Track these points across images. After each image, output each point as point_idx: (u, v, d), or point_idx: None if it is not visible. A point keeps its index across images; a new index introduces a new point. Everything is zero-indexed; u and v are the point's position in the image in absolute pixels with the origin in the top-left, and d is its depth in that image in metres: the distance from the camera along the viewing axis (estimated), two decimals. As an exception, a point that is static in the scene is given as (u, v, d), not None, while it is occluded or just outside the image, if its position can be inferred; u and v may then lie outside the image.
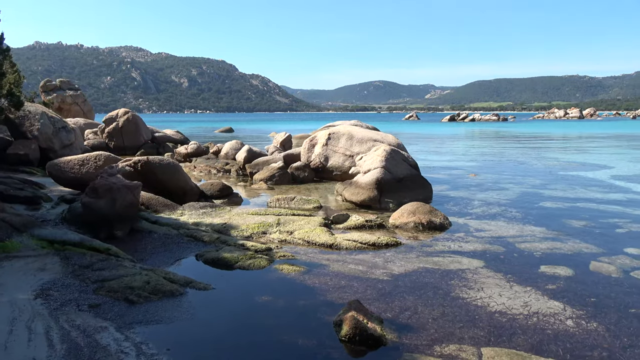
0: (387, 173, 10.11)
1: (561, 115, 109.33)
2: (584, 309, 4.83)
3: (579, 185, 12.98)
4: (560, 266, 6.17)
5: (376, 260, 6.37)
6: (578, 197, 11.27)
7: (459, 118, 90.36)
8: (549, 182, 13.56)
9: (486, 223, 8.58)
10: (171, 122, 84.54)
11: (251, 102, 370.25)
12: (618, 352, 3.97)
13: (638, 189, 12.37)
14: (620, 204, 10.43)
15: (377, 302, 4.96)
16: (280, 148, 18.37)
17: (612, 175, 15.07)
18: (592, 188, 12.57)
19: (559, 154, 23.53)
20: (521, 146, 28.98)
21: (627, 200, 10.82)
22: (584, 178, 14.54)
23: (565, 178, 14.53)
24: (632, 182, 13.58)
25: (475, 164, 18.75)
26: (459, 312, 4.75)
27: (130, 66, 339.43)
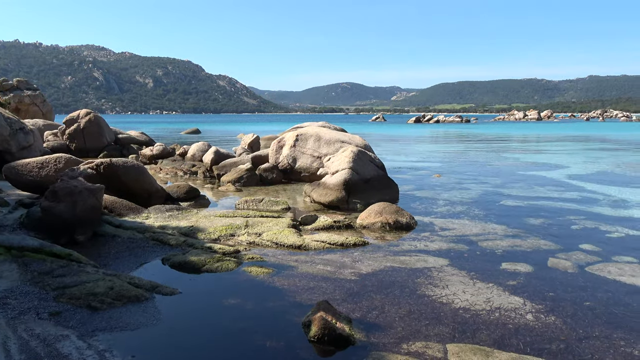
0: (355, 174, 10.22)
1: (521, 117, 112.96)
2: (543, 304, 5.03)
3: (537, 185, 13.45)
4: (520, 263, 6.39)
5: (344, 260, 6.44)
6: (536, 196, 11.68)
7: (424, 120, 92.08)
8: (509, 182, 14.00)
9: (450, 222, 8.79)
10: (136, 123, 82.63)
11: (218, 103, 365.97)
12: (574, 344, 4.15)
13: (591, 188, 12.93)
14: (575, 202, 10.88)
15: (345, 302, 5.02)
16: (248, 149, 18.26)
17: (567, 175, 15.70)
18: (549, 187, 13.06)
19: (518, 154, 24.31)
20: (483, 147, 29.78)
21: (582, 199, 11.30)
22: (541, 177, 15.09)
23: (524, 178, 15.03)
24: (586, 182, 14.18)
25: (439, 164, 19.16)
26: (425, 309, 4.86)
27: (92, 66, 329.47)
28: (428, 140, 37.57)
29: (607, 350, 4.03)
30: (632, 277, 5.85)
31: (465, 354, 3.93)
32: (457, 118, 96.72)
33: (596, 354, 3.97)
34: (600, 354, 3.97)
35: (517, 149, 27.86)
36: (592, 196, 11.67)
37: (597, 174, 15.98)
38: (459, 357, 3.89)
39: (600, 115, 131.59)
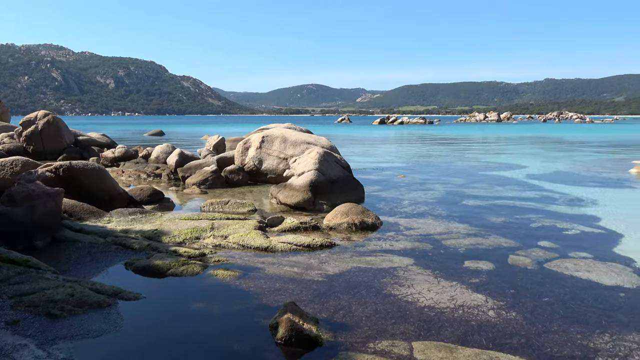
0: (321, 175, 10.26)
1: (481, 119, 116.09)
2: (504, 300, 5.19)
3: (497, 184, 13.87)
4: (483, 261, 6.58)
5: (311, 261, 6.46)
6: (497, 195, 12.04)
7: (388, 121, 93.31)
8: (471, 182, 14.38)
9: (415, 221, 8.95)
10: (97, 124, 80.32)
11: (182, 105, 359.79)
12: (534, 338, 4.31)
13: (549, 187, 13.43)
14: (534, 200, 11.28)
15: (312, 303, 5.03)
16: (214, 151, 18.03)
17: (526, 175, 16.26)
18: (509, 186, 13.49)
19: (479, 154, 24.98)
20: (446, 148, 30.45)
21: (540, 197, 11.72)
22: (502, 177, 15.56)
23: (485, 178, 15.47)
24: (543, 181, 14.72)
25: (404, 165, 19.47)
26: (391, 308, 4.94)
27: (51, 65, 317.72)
28: (393, 142, 38.11)
29: (565, 344, 4.20)
30: (587, 273, 6.11)
31: (430, 351, 4.01)
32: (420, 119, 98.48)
33: (554, 348, 4.13)
34: (558, 348, 4.13)
35: (479, 150, 28.62)
36: (549, 195, 12.12)
37: (553, 174, 16.61)
38: (425, 354, 3.97)
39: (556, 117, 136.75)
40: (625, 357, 3.96)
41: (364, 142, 37.06)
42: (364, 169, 17.73)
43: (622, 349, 4.11)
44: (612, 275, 6.00)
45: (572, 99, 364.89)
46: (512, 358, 3.93)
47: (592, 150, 28.41)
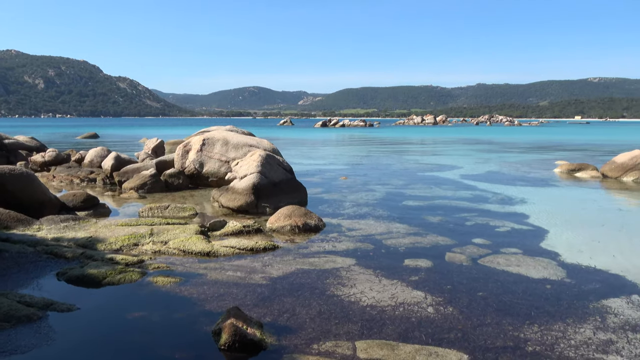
0: (263, 178, 10.21)
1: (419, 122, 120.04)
2: (442, 296, 5.41)
3: (434, 185, 14.41)
4: (421, 259, 6.81)
5: (255, 265, 6.41)
6: (434, 195, 12.51)
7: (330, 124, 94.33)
8: (410, 183, 14.84)
9: (357, 222, 9.11)
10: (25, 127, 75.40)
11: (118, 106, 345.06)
12: (470, 332, 4.52)
13: (482, 187, 14.12)
14: (468, 200, 11.82)
15: (256, 307, 5.00)
16: (152, 154, 17.44)
17: (461, 175, 17.00)
18: (445, 186, 14.05)
19: (418, 156, 25.83)
20: (386, 150, 31.23)
21: (474, 197, 12.30)
22: (438, 178, 16.18)
23: (423, 178, 16.02)
24: (477, 181, 15.46)
25: (346, 167, 19.76)
26: (334, 309, 5.00)
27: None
28: (334, 144, 38.57)
29: (498, 336, 4.44)
30: (517, 267, 6.49)
31: (372, 350, 4.11)
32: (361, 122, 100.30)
33: (488, 340, 4.36)
34: (492, 340, 4.36)
35: (417, 152, 29.58)
36: (482, 194, 12.75)
37: (486, 174, 17.48)
38: (367, 353, 4.06)
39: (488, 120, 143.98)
40: (552, 346, 4.25)
41: (306, 144, 37.23)
42: (307, 171, 17.83)
43: (549, 338, 4.40)
44: (540, 269, 6.41)
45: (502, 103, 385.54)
46: (449, 352, 4.10)
47: (521, 152, 30.17)
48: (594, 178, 16.33)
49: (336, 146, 35.32)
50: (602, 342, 4.32)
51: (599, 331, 4.54)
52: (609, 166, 16.80)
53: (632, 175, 15.73)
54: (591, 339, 4.39)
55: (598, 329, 4.60)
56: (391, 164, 21.34)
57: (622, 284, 5.88)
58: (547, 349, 4.18)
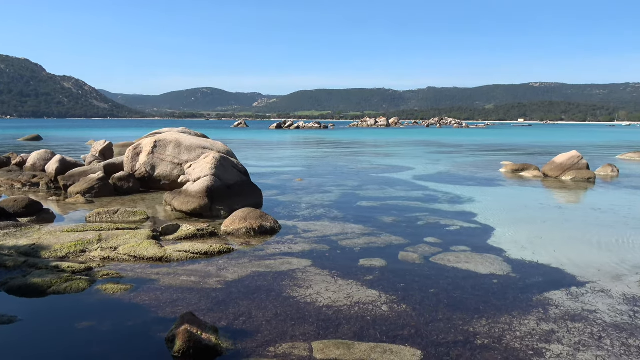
0: (218, 180, 10.07)
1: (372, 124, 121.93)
2: (396, 294, 5.53)
3: (388, 186, 14.69)
4: (376, 258, 6.93)
5: (209, 269, 6.32)
6: (388, 195, 12.76)
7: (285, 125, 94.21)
8: (364, 184, 15.06)
9: (313, 224, 9.16)
10: (-47, 128, 70.60)
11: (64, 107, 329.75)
12: (422, 328, 4.65)
13: (433, 187, 14.53)
14: (420, 200, 12.14)
15: (211, 312, 4.93)
16: (100, 157, 16.81)
17: (413, 176, 17.43)
18: (399, 187, 14.36)
19: (371, 158, 26.25)
20: (341, 152, 31.53)
21: (425, 197, 12.64)
22: (392, 179, 16.51)
23: (377, 179, 16.30)
24: (428, 181, 15.89)
25: (301, 169, 19.80)
26: (290, 311, 5.01)
27: None
28: (290, 146, 38.55)
29: (449, 331, 4.59)
30: (466, 264, 6.73)
31: (329, 350, 4.15)
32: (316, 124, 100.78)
33: (440, 335, 4.50)
34: (443, 335, 4.50)
35: (371, 153, 30.05)
36: (433, 194, 13.12)
37: (436, 174, 18.00)
38: (324, 353, 4.10)
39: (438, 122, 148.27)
40: (499, 338, 4.44)
41: (261, 146, 37.00)
42: (262, 173, 17.73)
43: (497, 330, 4.60)
44: (487, 265, 6.68)
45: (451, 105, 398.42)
46: (403, 349, 4.21)
47: (469, 153, 31.26)
48: (536, 177, 17.16)
49: (291, 148, 35.31)
50: (545, 333, 4.56)
51: (542, 322, 4.79)
52: (549, 166, 17.71)
53: (570, 175, 16.66)
54: (535, 330, 4.62)
55: (541, 320, 4.85)
56: (346, 165, 21.56)
57: (561, 277, 6.23)
58: (494, 342, 4.36)
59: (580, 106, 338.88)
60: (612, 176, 17.78)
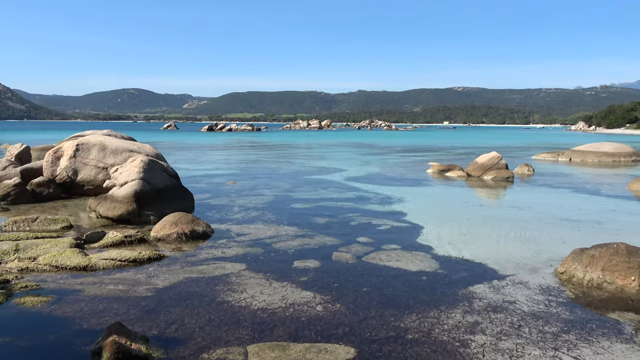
0: (146, 184, 9.70)
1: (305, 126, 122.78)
2: (330, 294, 5.62)
3: (321, 187, 14.87)
4: (310, 259, 7.00)
5: (138, 277, 6.08)
6: (321, 197, 12.91)
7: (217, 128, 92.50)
8: (297, 186, 15.14)
9: (246, 227, 9.07)
10: None
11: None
12: (356, 326, 4.76)
13: (364, 188, 14.89)
14: (352, 200, 12.40)
15: (141, 321, 4.75)
16: (17, 162, 15.59)
17: (345, 177, 17.76)
18: (331, 189, 14.58)
19: (305, 160, 26.43)
20: (274, 154, 31.47)
21: (357, 197, 12.93)
22: (325, 180, 16.73)
23: (310, 181, 16.44)
24: (360, 182, 16.27)
25: (234, 171, 19.53)
26: (224, 316, 4.94)
27: None
28: (222, 148, 37.87)
29: (382, 327, 4.73)
30: (397, 262, 6.96)
31: (264, 353, 4.14)
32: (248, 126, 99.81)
33: (373, 332, 4.63)
34: (376, 332, 4.64)
35: (304, 155, 30.23)
36: (365, 195, 13.45)
37: (368, 176, 18.46)
38: (259, 356, 4.08)
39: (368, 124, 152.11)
40: (428, 332, 4.64)
41: (192, 149, 36.04)
42: (194, 176, 17.29)
43: (426, 324, 4.81)
44: (417, 262, 6.96)
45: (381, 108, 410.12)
46: (338, 347, 4.29)
47: (398, 154, 32.35)
48: (460, 177, 18.10)
49: (224, 151, 34.70)
50: (470, 324, 4.83)
51: (467, 315, 5.07)
52: (472, 166, 18.74)
53: (491, 174, 17.73)
54: (461, 322, 4.88)
55: (466, 312, 5.13)
56: (279, 167, 21.55)
57: (484, 271, 6.62)
58: (424, 335, 4.56)
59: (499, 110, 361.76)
60: (529, 175, 19.14)
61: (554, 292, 5.81)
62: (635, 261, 5.86)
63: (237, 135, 72.81)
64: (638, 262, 5.82)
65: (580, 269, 6.20)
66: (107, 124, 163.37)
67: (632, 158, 26.69)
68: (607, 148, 27.60)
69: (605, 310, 5.28)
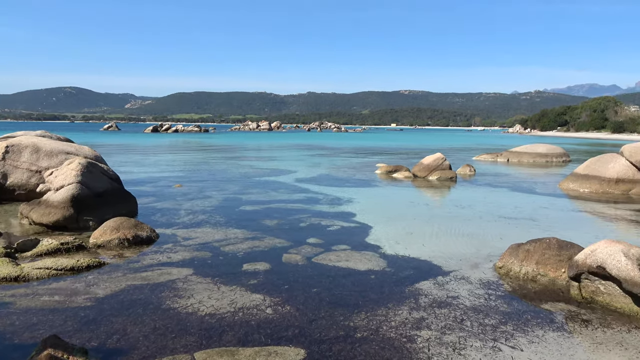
0: (85, 188, 9.25)
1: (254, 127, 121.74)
2: (280, 296, 5.57)
3: (271, 189, 14.77)
4: (260, 262, 6.92)
5: (76, 286, 5.77)
6: (270, 199, 12.82)
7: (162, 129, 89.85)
8: (247, 188, 14.95)
9: (193, 231, 8.85)
10: None
11: None
12: (306, 327, 4.74)
13: (314, 189, 14.93)
14: (302, 202, 12.40)
15: (80, 333, 4.51)
16: None
17: (295, 179, 17.74)
18: (281, 190, 14.51)
19: (254, 162, 26.17)
20: (222, 156, 30.95)
21: (307, 199, 12.94)
22: (274, 182, 16.63)
23: (260, 183, 16.29)
24: (310, 184, 16.30)
25: (180, 174, 19.02)
26: (170, 323, 4.78)
27: None
28: (168, 150, 36.79)
29: (331, 327, 4.75)
30: (346, 262, 7.02)
31: (212, 359, 4.04)
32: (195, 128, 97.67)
33: (323, 332, 4.63)
34: (326, 332, 4.64)
35: (253, 157, 29.94)
36: (315, 196, 13.49)
37: (318, 177, 18.53)
38: (207, 362, 3.97)
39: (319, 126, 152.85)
40: (376, 329, 4.70)
41: (136, 151, 34.77)
42: (137, 179, 16.67)
43: (374, 322, 4.87)
44: (365, 262, 7.04)
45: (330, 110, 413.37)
46: (287, 349, 4.25)
47: (347, 156, 32.71)
48: (407, 178, 18.55)
49: (170, 153, 33.73)
50: (416, 320, 4.94)
51: (413, 311, 5.18)
52: (418, 167, 19.26)
53: (436, 175, 18.29)
54: (408, 318, 4.98)
55: (413, 309, 5.24)
56: (228, 169, 21.21)
57: (430, 268, 6.80)
58: (372, 333, 4.61)
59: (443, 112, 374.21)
60: (470, 175, 19.90)
61: (493, 286, 6.05)
62: (565, 254, 6.22)
63: (184, 136, 71.03)
64: (568, 255, 6.18)
65: (516, 263, 6.50)
66: (41, 124, 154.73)
67: (562, 158, 28.40)
68: (541, 149, 29.23)
69: (539, 301, 5.56)
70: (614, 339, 4.60)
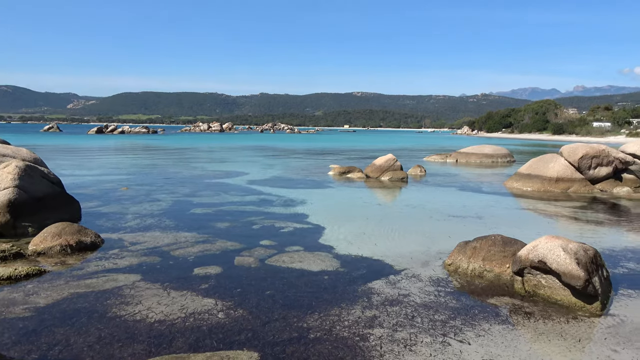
0: (23, 193, 8.75)
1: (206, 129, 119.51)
2: (232, 300, 5.49)
3: (222, 191, 14.54)
4: (211, 266, 6.79)
5: (14, 296, 5.44)
6: (222, 201, 12.62)
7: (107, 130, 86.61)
8: (198, 190, 14.65)
9: (141, 235, 8.57)
10: None
11: None
12: (259, 330, 4.69)
13: (267, 191, 14.83)
14: (255, 204, 12.29)
15: (18, 345, 4.25)
16: None
17: (248, 181, 17.56)
18: (233, 192, 14.32)
19: (205, 164, 25.68)
20: (172, 158, 30.17)
21: (260, 201, 12.84)
22: (226, 184, 16.39)
23: (211, 185, 16.00)
24: (262, 185, 16.18)
25: (127, 177, 18.37)
26: (117, 331, 4.60)
27: None
28: (113, 152, 35.46)
29: (285, 329, 4.72)
30: (300, 263, 7.01)
31: (162, 366, 3.91)
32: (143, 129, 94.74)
33: (276, 334, 4.59)
34: (279, 334, 4.61)
35: (204, 159, 29.37)
36: (268, 198, 13.39)
37: (271, 179, 18.42)
38: (156, 370, 3.85)
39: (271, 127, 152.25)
40: (330, 329, 4.72)
41: (79, 153, 33.28)
42: (80, 183, 15.95)
43: (328, 322, 4.89)
44: (318, 262, 7.06)
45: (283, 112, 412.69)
46: (240, 353, 4.19)
47: (300, 157, 32.74)
48: (360, 178, 18.78)
49: (115, 155, 32.51)
50: (369, 319, 4.99)
51: (366, 310, 5.24)
52: (370, 168, 19.55)
53: (387, 175, 18.63)
54: (360, 317, 5.03)
55: (365, 308, 5.31)
56: (177, 172, 20.70)
57: (382, 267, 6.91)
58: (326, 333, 4.63)
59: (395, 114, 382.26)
60: (421, 175, 20.40)
61: (442, 283, 6.23)
62: (510, 250, 6.49)
63: (131, 138, 68.68)
64: (512, 251, 6.45)
65: (464, 260, 6.72)
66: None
67: (507, 159, 29.69)
68: (487, 150, 30.42)
69: (485, 296, 5.78)
70: (554, 330, 4.84)
